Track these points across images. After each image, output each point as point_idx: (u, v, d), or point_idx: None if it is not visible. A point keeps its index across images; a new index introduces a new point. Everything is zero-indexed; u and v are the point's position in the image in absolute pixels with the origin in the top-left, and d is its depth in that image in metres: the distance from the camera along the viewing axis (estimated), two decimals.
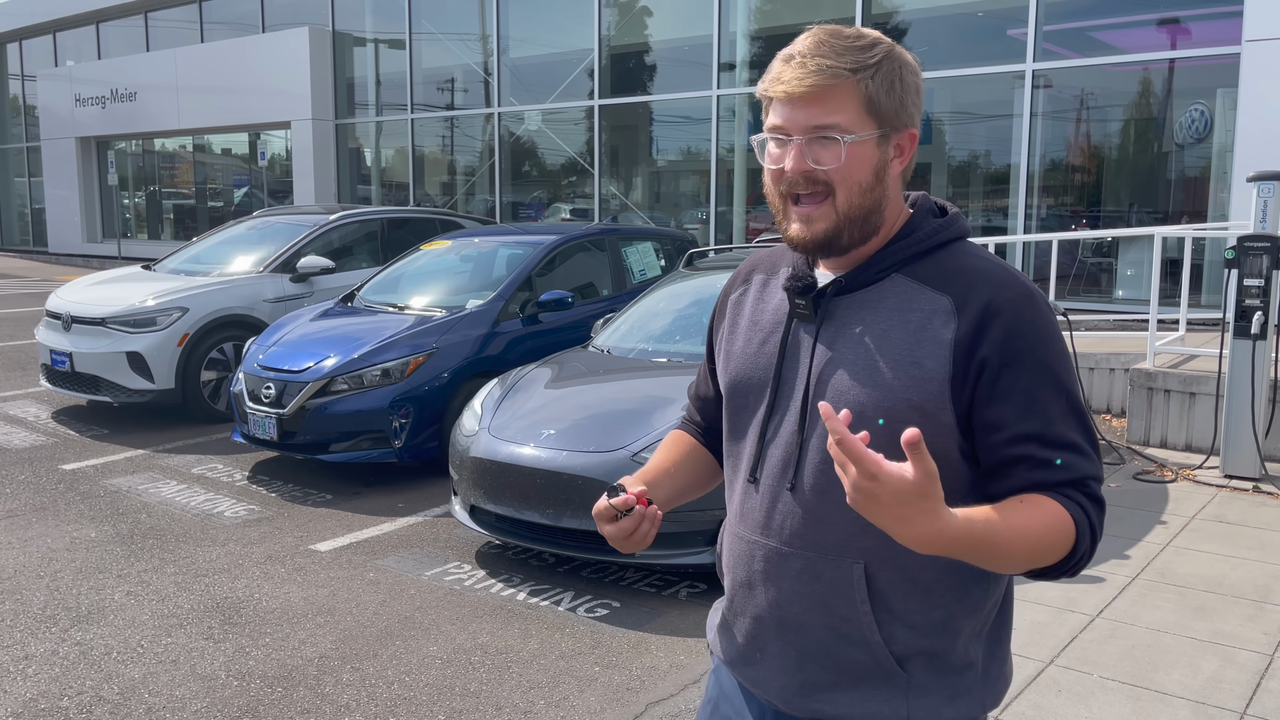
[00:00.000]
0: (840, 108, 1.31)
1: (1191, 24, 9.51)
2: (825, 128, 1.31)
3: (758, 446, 1.43)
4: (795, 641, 1.40)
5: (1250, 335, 5.89)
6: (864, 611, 1.35)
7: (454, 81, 15.99)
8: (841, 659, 1.37)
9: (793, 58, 1.33)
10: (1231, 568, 4.60)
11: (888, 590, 1.35)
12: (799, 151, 1.32)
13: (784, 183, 1.35)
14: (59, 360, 7.64)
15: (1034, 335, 1.30)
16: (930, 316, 1.32)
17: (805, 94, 1.31)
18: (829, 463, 1.33)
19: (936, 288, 1.34)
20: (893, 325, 1.34)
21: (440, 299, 6.93)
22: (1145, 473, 6.18)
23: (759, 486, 1.42)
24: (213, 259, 8.64)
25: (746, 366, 1.47)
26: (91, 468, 6.46)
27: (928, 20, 11.24)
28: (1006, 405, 1.29)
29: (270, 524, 5.41)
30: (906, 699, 1.37)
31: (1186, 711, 3.32)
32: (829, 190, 1.33)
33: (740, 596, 1.46)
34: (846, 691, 1.38)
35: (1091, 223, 10.33)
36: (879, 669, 1.36)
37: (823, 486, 1.35)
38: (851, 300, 1.38)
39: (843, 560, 1.36)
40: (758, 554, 1.42)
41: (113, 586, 4.54)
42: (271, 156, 18.99)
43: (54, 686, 3.62)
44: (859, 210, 1.34)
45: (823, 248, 1.36)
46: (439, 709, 3.46)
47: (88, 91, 21.63)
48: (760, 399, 1.44)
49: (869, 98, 1.32)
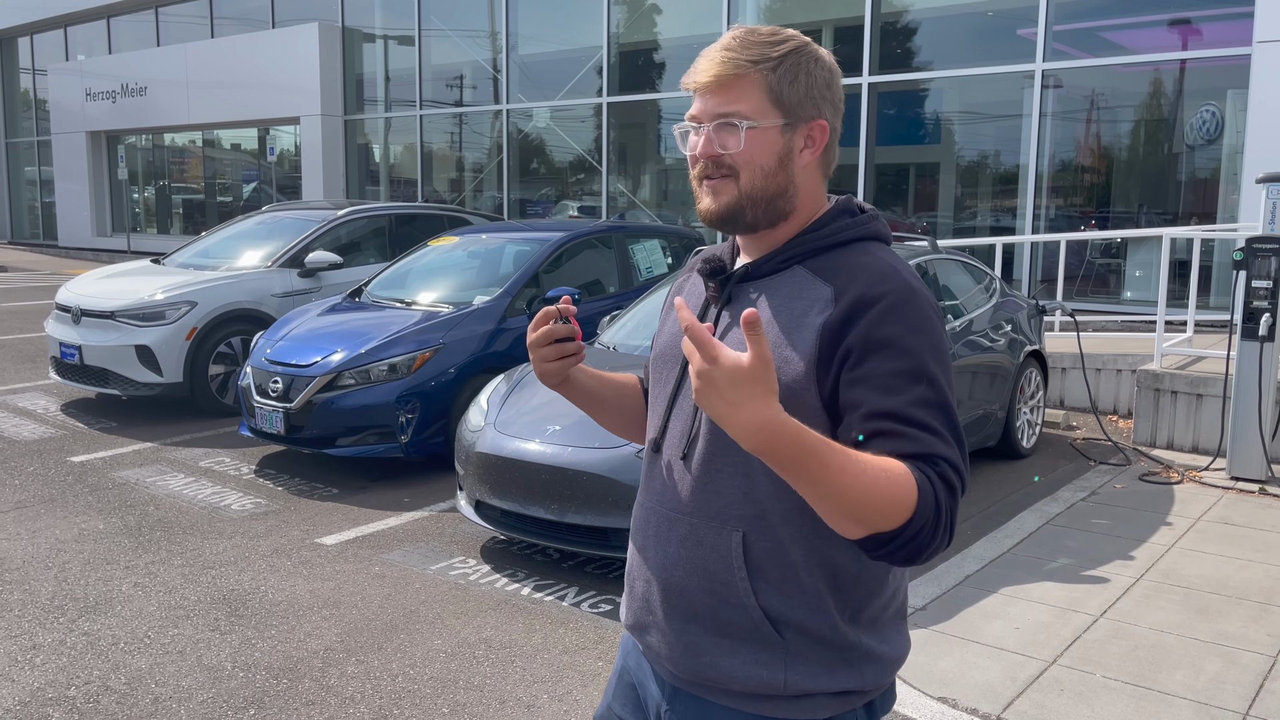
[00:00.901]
0: (743, 97, 1.42)
1: (1202, 25, 9.48)
2: (727, 115, 1.42)
3: (664, 418, 1.52)
4: (679, 605, 1.46)
5: (1258, 337, 5.88)
6: (740, 577, 1.41)
7: (463, 78, 16.01)
8: (721, 621, 1.43)
9: (707, 52, 1.45)
10: (1236, 569, 4.59)
11: (764, 559, 1.41)
12: (707, 137, 1.44)
13: (696, 166, 1.46)
14: (68, 353, 7.68)
15: (903, 326, 1.34)
16: (811, 305, 1.39)
17: (711, 84, 1.42)
18: (714, 437, 1.42)
19: (826, 280, 1.41)
20: (779, 311, 1.42)
21: (447, 295, 6.95)
22: (1151, 474, 6.18)
23: (661, 456, 1.51)
24: (221, 253, 8.67)
25: (666, 343, 1.58)
26: (100, 460, 6.50)
27: (938, 20, 11.23)
28: (866, 387, 1.32)
29: (277, 517, 5.43)
30: (785, 665, 1.41)
31: (1189, 712, 3.32)
32: (733, 172, 1.43)
33: (636, 562, 1.54)
34: (728, 655, 1.43)
35: (1100, 224, 10.30)
36: (757, 632, 1.41)
37: (710, 455, 1.43)
38: (754, 286, 1.47)
39: (723, 528, 1.42)
40: (652, 520, 1.51)
41: (120, 578, 4.56)
42: (280, 152, 19.04)
43: (62, 676, 3.64)
44: (761, 192, 1.43)
45: (726, 221, 1.45)
46: (443, 702, 3.48)
47: (98, 86, 21.71)
48: (672, 374, 1.54)
49: (771, 89, 1.42)
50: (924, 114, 11.53)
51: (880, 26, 11.50)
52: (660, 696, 1.54)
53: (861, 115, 11.56)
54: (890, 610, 1.48)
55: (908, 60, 11.45)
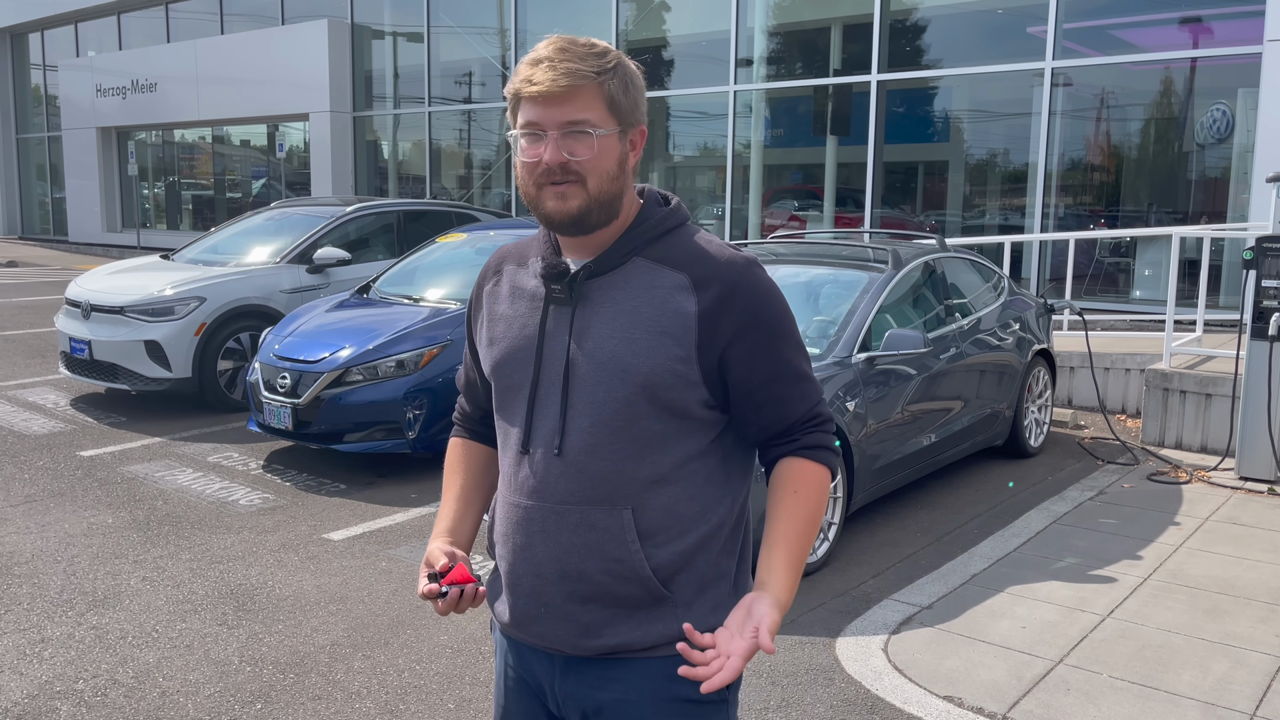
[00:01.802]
0: (588, 106, 1.49)
1: (1213, 23, 9.44)
2: (578, 123, 1.48)
3: (527, 420, 1.58)
4: (577, 588, 1.55)
5: (1268, 337, 5.86)
6: (634, 550, 1.53)
7: (471, 75, 16.02)
8: (619, 595, 1.55)
9: (540, 62, 1.49)
10: (1244, 570, 4.58)
11: (652, 526, 1.54)
12: (555, 145, 1.49)
13: (540, 173, 1.51)
14: (78, 348, 7.71)
15: (754, 297, 1.54)
16: (672, 291, 1.53)
17: (560, 93, 1.47)
18: (595, 426, 1.52)
19: (674, 267, 1.55)
20: (641, 301, 1.53)
21: (455, 291, 6.96)
22: (1160, 473, 6.16)
23: (531, 456, 1.57)
24: (230, 249, 8.69)
25: (509, 349, 1.62)
26: (109, 455, 6.52)
27: (947, 17, 11.19)
28: (743, 364, 1.54)
29: (284, 512, 5.45)
30: (676, 616, 1.56)
31: (1196, 712, 3.31)
32: (580, 178, 1.50)
33: (520, 560, 1.60)
34: (625, 622, 1.56)
35: (1109, 222, 10.27)
36: (651, 596, 1.55)
37: (589, 447, 1.53)
38: (601, 282, 1.56)
39: (613, 509, 1.53)
40: (535, 516, 1.57)
41: (128, 572, 4.58)
42: (289, 148, 19.07)
43: (70, 670, 3.66)
44: (606, 195, 1.52)
45: (575, 223, 1.52)
46: (449, 697, 3.48)
47: (108, 82, 21.77)
48: (525, 377, 1.59)
49: (610, 98, 1.50)
50: (933, 112, 11.50)
51: (889, 24, 11.47)
52: (552, 671, 1.63)
53: (870, 113, 11.54)
54: (741, 544, 1.66)
55: (917, 58, 11.42)
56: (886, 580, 4.53)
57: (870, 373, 5.01)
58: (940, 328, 5.82)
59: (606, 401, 1.52)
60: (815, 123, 12.41)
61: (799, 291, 5.53)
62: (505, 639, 1.72)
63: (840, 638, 3.93)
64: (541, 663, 1.65)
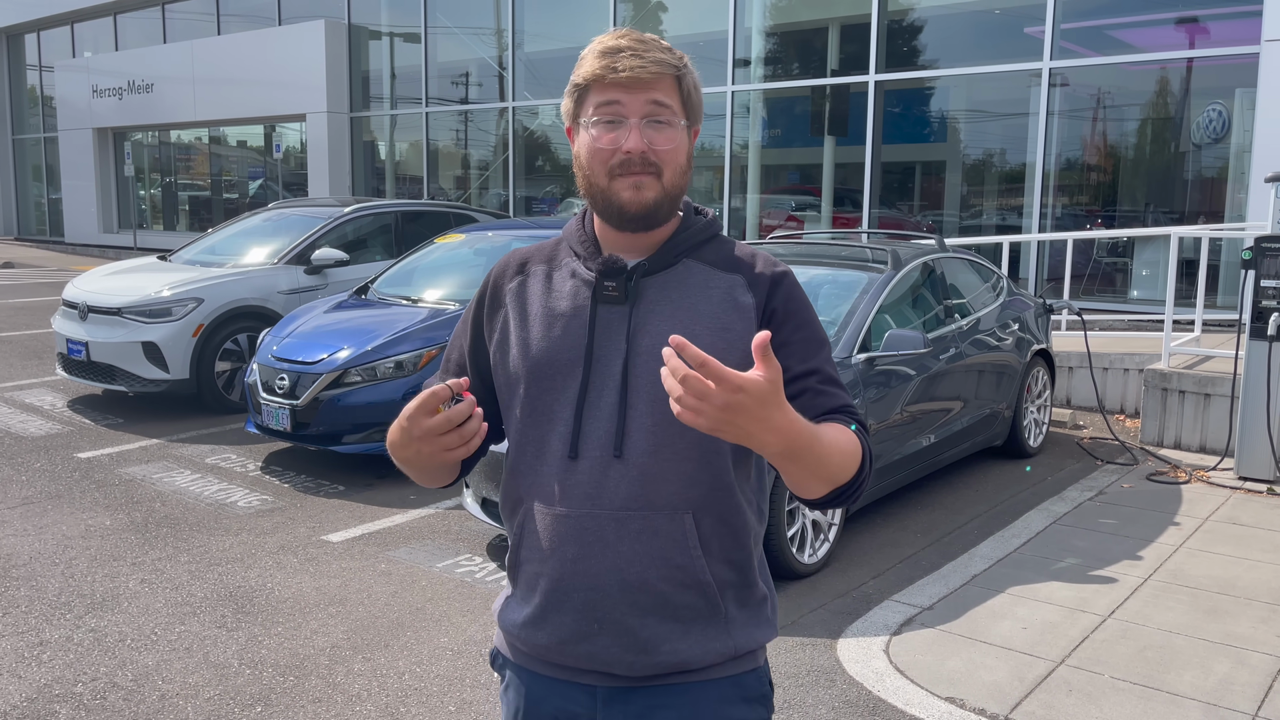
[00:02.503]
0: (668, 95, 1.49)
1: (1210, 23, 9.45)
2: (663, 107, 1.47)
3: (575, 423, 1.49)
4: (639, 599, 1.47)
5: (1267, 336, 5.86)
6: (696, 556, 1.48)
7: (469, 75, 16.00)
8: (679, 606, 1.49)
9: (621, 51, 1.47)
10: (1245, 570, 4.58)
11: (709, 535, 1.50)
12: (638, 132, 1.46)
13: (617, 162, 1.47)
14: (75, 349, 7.69)
15: (800, 301, 1.55)
16: (728, 290, 1.53)
17: (648, 80, 1.46)
18: (657, 426, 1.46)
19: (725, 269, 1.55)
20: (698, 299, 1.52)
21: (454, 292, 6.94)
22: (1159, 474, 6.16)
23: (580, 461, 1.48)
24: (228, 250, 8.68)
25: (550, 349, 1.52)
26: (106, 456, 6.51)
27: (945, 17, 11.20)
28: (789, 351, 1.51)
29: (283, 514, 5.43)
30: (729, 632, 1.52)
31: (1198, 713, 3.31)
32: (657, 170, 1.48)
33: (572, 573, 1.49)
34: (683, 637, 1.49)
35: (1107, 222, 10.27)
36: (707, 608, 1.50)
37: (651, 448, 1.47)
38: (654, 281, 1.53)
39: (675, 514, 1.47)
40: (590, 525, 1.47)
41: (127, 574, 4.57)
42: (286, 149, 19.05)
43: (68, 673, 3.65)
44: (676, 190, 1.51)
45: (648, 216, 1.50)
46: (449, 700, 3.47)
47: (105, 83, 21.73)
48: (571, 379, 1.51)
49: (686, 93, 1.51)
50: (930, 112, 11.51)
51: (887, 25, 11.47)
52: (592, 706, 1.52)
53: (868, 113, 11.54)
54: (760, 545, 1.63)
55: (914, 58, 11.42)
56: (887, 581, 4.53)
57: (870, 373, 5.00)
58: (940, 328, 5.82)
59: (665, 400, 1.44)
60: (813, 123, 12.41)
61: None
62: (526, 675, 1.58)
63: (841, 639, 3.93)
64: (578, 697, 1.53)
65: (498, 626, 1.64)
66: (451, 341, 1.70)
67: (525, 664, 1.58)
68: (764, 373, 1.20)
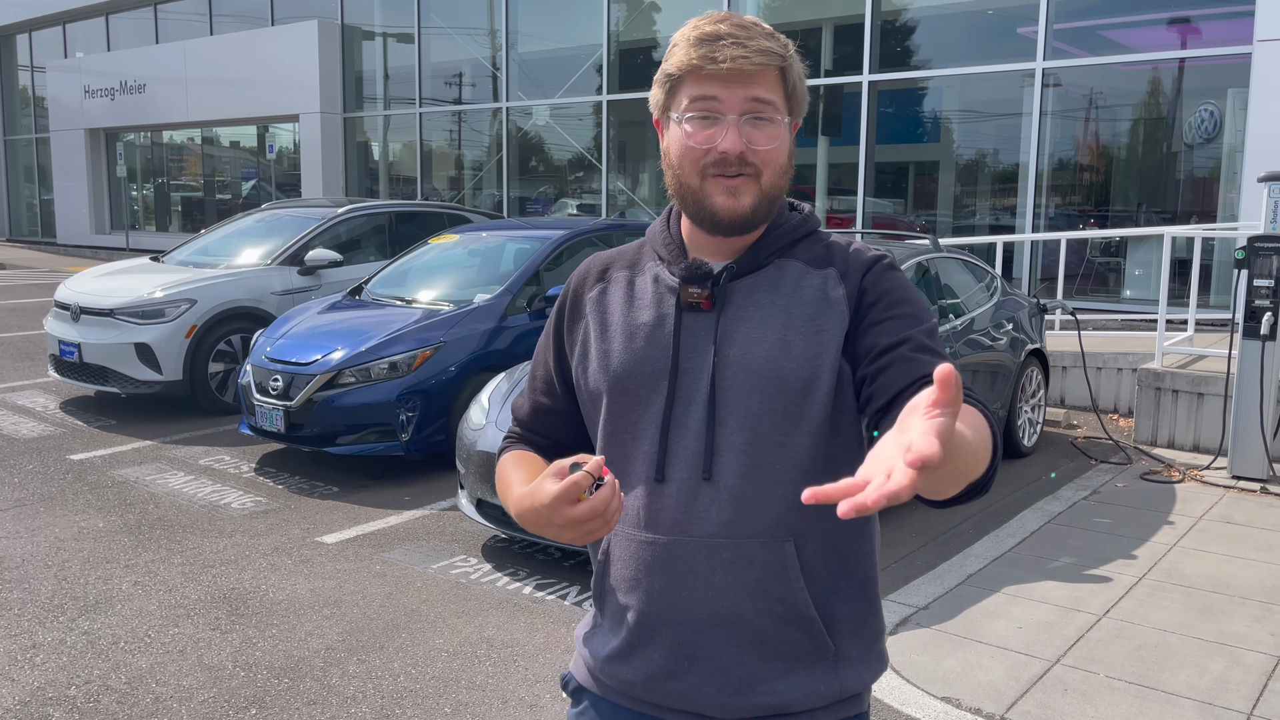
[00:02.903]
0: (772, 89, 1.34)
1: (1202, 23, 9.47)
2: (765, 103, 1.33)
3: (661, 443, 1.37)
4: (735, 636, 1.35)
5: (1260, 336, 5.88)
6: (798, 589, 1.35)
7: (462, 76, 15.99)
8: (780, 643, 1.36)
9: (721, 38, 1.31)
10: (1239, 568, 4.59)
11: (815, 562, 1.36)
12: (736, 131, 1.32)
13: (711, 161, 1.34)
14: (67, 351, 7.66)
15: (895, 282, 1.38)
16: (822, 289, 1.38)
17: (751, 73, 1.31)
18: (750, 444, 1.33)
19: (818, 267, 1.40)
20: (791, 301, 1.37)
21: (448, 293, 6.93)
22: (1153, 473, 6.17)
23: (667, 484, 1.36)
24: (221, 251, 8.65)
25: (634, 362, 1.40)
26: (99, 458, 6.48)
27: (938, 17, 11.21)
28: (879, 329, 1.34)
29: (277, 516, 5.42)
30: (836, 671, 1.39)
31: (1193, 712, 3.31)
32: (756, 172, 1.34)
33: (660, 605, 1.37)
34: (784, 676, 1.36)
35: (1100, 222, 10.30)
36: (813, 644, 1.37)
37: (744, 470, 1.33)
38: (743, 285, 1.39)
39: (774, 541, 1.34)
40: (678, 554, 1.35)
41: (120, 576, 4.55)
42: (279, 149, 19.01)
43: (62, 675, 3.63)
44: (776, 192, 1.38)
45: (744, 223, 1.37)
46: (445, 702, 3.47)
47: (97, 83, 21.66)
48: (656, 394, 1.39)
49: (791, 85, 1.36)
50: (924, 112, 11.52)
51: (880, 25, 11.49)
52: None
53: (861, 113, 11.55)
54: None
55: (908, 58, 11.44)
56: (882, 581, 4.53)
57: None
58: None
59: (763, 414, 1.33)
60: (806, 123, 12.40)
61: None
62: (608, 709, 1.47)
63: None
64: None
65: (579, 653, 1.53)
66: (535, 356, 1.59)
67: (609, 697, 1.46)
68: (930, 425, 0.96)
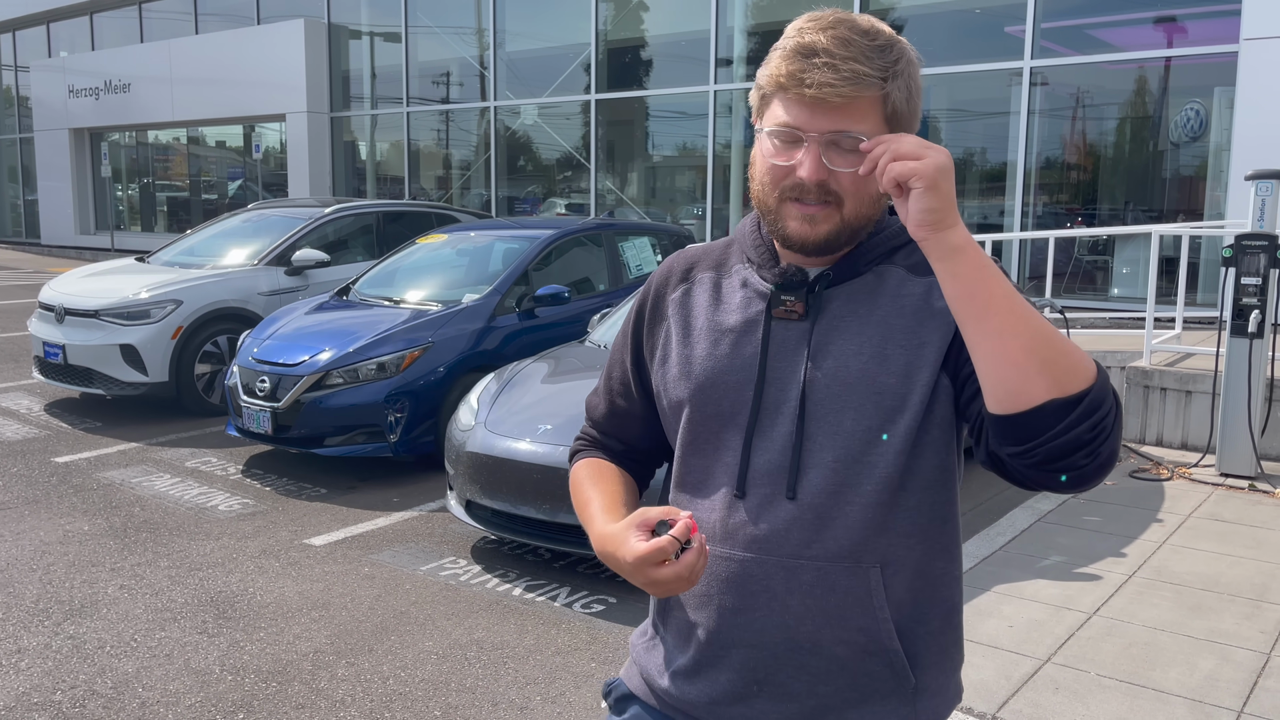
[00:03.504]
0: (865, 116, 1.24)
1: (1189, 22, 9.51)
2: (850, 134, 1.23)
3: (744, 456, 1.32)
4: (809, 664, 1.30)
5: (1247, 334, 5.90)
6: (883, 619, 1.28)
7: (449, 75, 15.94)
8: (858, 675, 1.30)
9: (816, 54, 1.22)
10: (1228, 566, 4.60)
11: (903, 590, 1.30)
12: (816, 158, 1.23)
13: (789, 185, 1.27)
14: (52, 352, 7.60)
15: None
16: (923, 298, 1.30)
17: (839, 104, 1.22)
18: (841, 462, 1.27)
19: (920, 274, 1.32)
20: (890, 311, 1.30)
21: (436, 293, 6.90)
22: (1141, 470, 6.19)
23: (747, 500, 1.31)
24: (207, 252, 8.60)
25: (717, 370, 1.34)
26: (84, 460, 6.43)
27: (926, 16, 11.23)
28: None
29: (265, 518, 5.38)
30: (914, 704, 1.33)
31: (1184, 710, 3.32)
32: (838, 200, 1.26)
33: (731, 625, 1.32)
34: (857, 709, 1.31)
35: (1087, 221, 10.33)
36: (893, 677, 1.31)
37: (831, 489, 1.27)
38: (838, 292, 1.33)
39: (858, 566, 1.28)
40: (755, 574, 1.30)
41: (106, 580, 4.51)
42: (266, 149, 18.92)
43: (47, 680, 3.59)
44: (862, 221, 1.30)
45: (820, 250, 1.30)
46: (434, 705, 3.44)
47: (81, 83, 21.53)
48: (740, 404, 1.33)
49: (893, 107, 1.26)
50: None
51: None
52: None
53: None
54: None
55: None
56: None
57: None
58: None
59: (856, 431, 1.26)
60: None
61: None
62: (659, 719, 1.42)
63: None
64: None
65: (636, 664, 1.46)
66: (611, 356, 1.53)
67: (667, 713, 1.41)
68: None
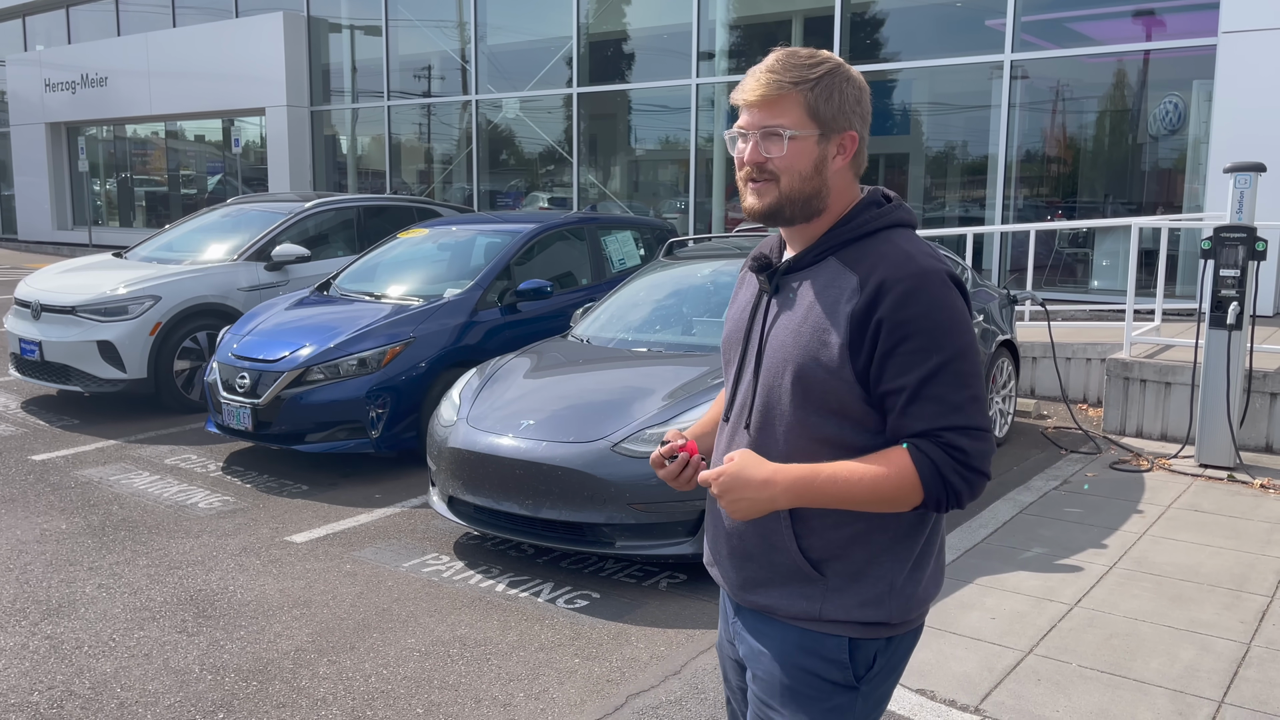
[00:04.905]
0: (784, 112, 1.67)
1: (1168, 16, 9.56)
2: (772, 127, 1.67)
3: (732, 392, 1.80)
4: (738, 546, 1.77)
5: (1226, 325, 5.93)
6: (785, 525, 1.70)
7: (431, 69, 15.85)
8: (771, 561, 1.73)
9: (755, 72, 1.69)
10: (1208, 556, 4.63)
11: (804, 510, 1.68)
12: (754, 145, 1.69)
13: (742, 169, 1.71)
14: (28, 349, 7.52)
15: (918, 309, 1.58)
16: (841, 293, 1.64)
17: (757, 101, 1.68)
18: (765, 408, 1.71)
19: (854, 269, 1.65)
20: (816, 300, 1.66)
21: (417, 288, 6.86)
22: (1121, 462, 6.22)
23: (729, 425, 1.80)
24: (186, 247, 8.52)
25: (732, 329, 1.85)
26: (62, 458, 6.37)
27: (907, 10, 11.24)
28: (888, 365, 1.59)
29: (245, 515, 5.34)
30: (822, 597, 1.69)
31: (1165, 700, 3.34)
32: (775, 177, 1.68)
33: (712, 507, 1.86)
34: (777, 587, 1.73)
35: (1067, 213, 10.38)
36: (800, 571, 1.70)
37: (761, 423, 1.72)
38: (796, 277, 1.73)
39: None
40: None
41: (84, 579, 4.46)
42: (246, 143, 18.77)
43: (24, 681, 3.55)
44: (799, 193, 1.68)
45: (769, 217, 1.70)
46: (417, 702, 3.42)
47: (58, 76, 21.30)
48: (734, 355, 1.82)
49: (810, 105, 1.66)
50: (893, 104, 11.55)
51: (850, 17, 11.50)
52: (730, 607, 1.90)
53: None
54: (918, 552, 1.71)
55: (877, 51, 11.46)
56: None
57: None
58: None
59: (774, 387, 1.69)
60: None
61: None
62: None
63: None
64: (726, 597, 1.92)
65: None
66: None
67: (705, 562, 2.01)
68: (724, 467, 1.61)
